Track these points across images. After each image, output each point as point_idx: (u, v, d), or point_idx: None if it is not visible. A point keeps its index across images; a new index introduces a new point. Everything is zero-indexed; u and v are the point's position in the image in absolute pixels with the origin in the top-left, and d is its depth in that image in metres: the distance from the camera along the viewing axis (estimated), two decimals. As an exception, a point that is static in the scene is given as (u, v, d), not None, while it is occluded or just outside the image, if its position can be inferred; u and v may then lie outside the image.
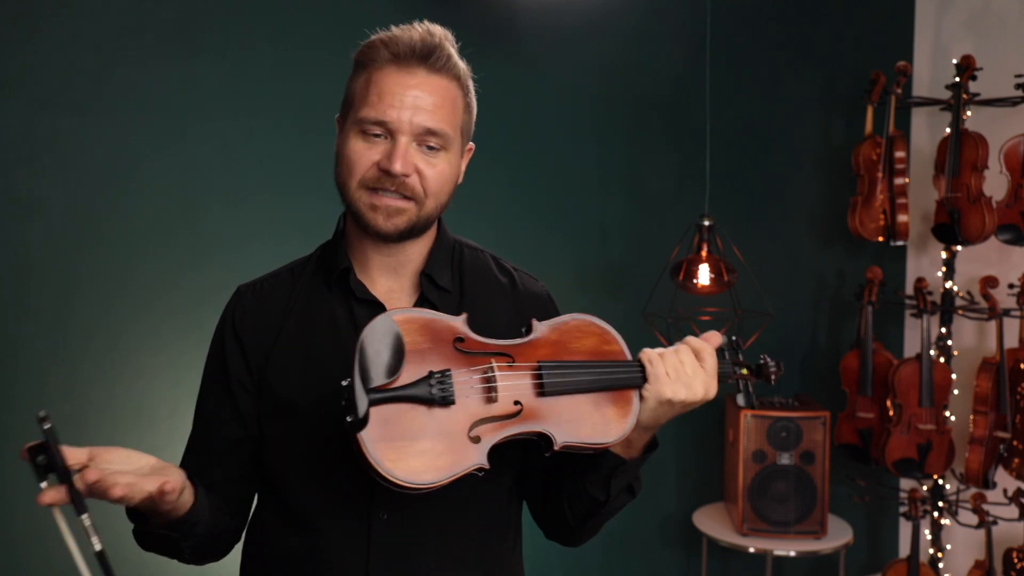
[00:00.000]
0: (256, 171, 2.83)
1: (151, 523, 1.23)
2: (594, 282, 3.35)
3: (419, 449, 1.12)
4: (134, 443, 2.91)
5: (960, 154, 3.14)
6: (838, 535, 3.21)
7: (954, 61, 3.19)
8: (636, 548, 3.49)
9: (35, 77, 2.58)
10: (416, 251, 1.33)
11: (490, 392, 1.17)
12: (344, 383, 1.12)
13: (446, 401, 1.14)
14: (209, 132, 2.77)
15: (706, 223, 3.00)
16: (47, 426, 1.02)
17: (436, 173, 1.27)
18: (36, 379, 2.64)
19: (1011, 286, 3.14)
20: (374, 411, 1.10)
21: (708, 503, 3.49)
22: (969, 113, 3.21)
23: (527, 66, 3.19)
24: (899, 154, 3.28)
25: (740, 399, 1.37)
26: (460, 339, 1.20)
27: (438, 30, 1.28)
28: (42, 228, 2.64)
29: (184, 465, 1.38)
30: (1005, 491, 3.21)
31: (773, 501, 3.16)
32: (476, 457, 1.14)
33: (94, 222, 2.68)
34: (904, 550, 3.67)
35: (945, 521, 3.37)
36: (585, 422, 1.20)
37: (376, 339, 1.14)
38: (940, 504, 3.34)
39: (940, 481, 3.34)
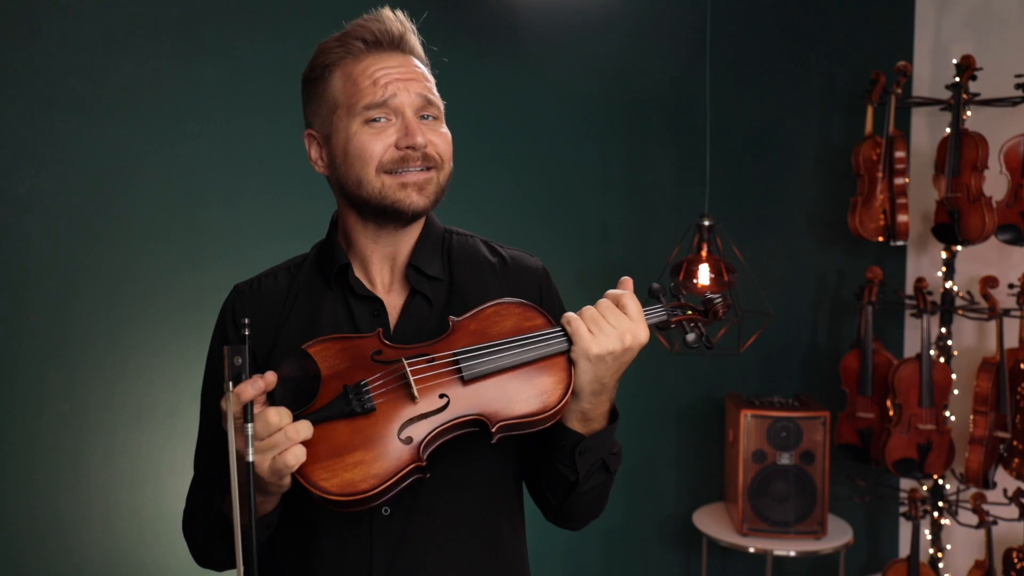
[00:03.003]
0: (256, 171, 2.83)
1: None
2: (594, 282, 3.35)
3: (351, 461, 1.13)
4: (134, 443, 2.92)
5: (960, 154, 3.14)
6: (838, 535, 3.21)
7: (954, 61, 3.18)
8: (636, 548, 3.49)
9: (35, 77, 2.58)
10: (407, 241, 1.34)
11: (409, 391, 1.17)
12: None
13: (366, 410, 1.15)
14: (209, 132, 2.77)
15: (706, 223, 2.99)
16: (247, 332, 1.11)
17: (442, 138, 1.30)
18: (36, 378, 2.64)
19: (1011, 286, 3.14)
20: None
21: (708, 503, 3.49)
22: (969, 113, 3.21)
23: (527, 66, 3.19)
24: (899, 154, 3.27)
25: (690, 338, 1.33)
26: (378, 352, 1.20)
27: (394, 15, 1.31)
28: (42, 227, 2.64)
29: (200, 465, 1.38)
30: (1005, 491, 3.21)
31: (773, 501, 3.16)
32: (411, 456, 1.14)
33: (94, 221, 2.68)
34: (904, 550, 3.67)
35: (945, 521, 3.36)
36: (518, 398, 1.19)
37: (288, 370, 1.17)
38: (940, 504, 3.34)
39: (940, 481, 3.34)
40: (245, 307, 1.36)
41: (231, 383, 1.09)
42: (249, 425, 1.08)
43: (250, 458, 1.08)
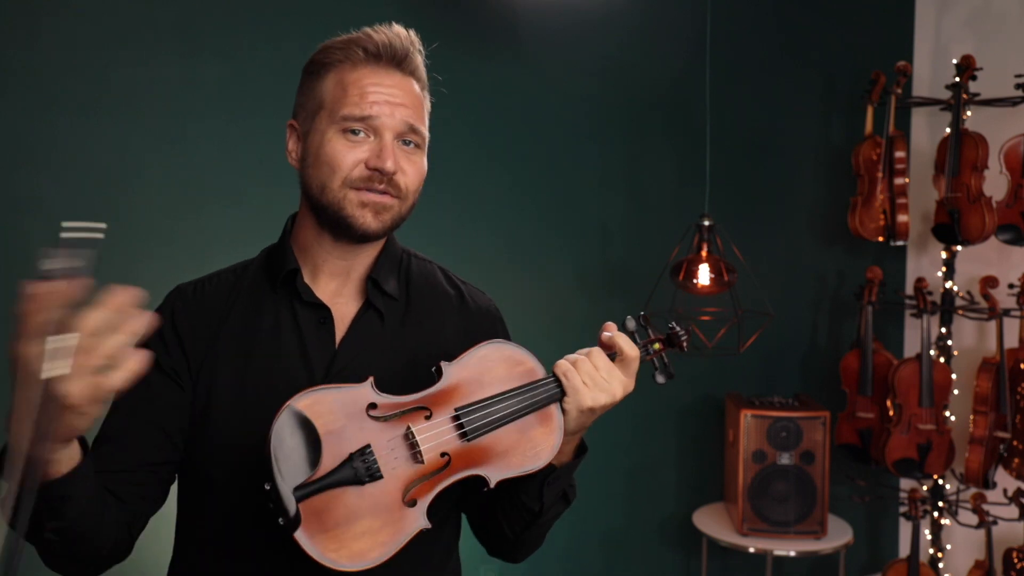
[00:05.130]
0: (256, 171, 2.83)
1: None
2: (594, 282, 3.35)
3: (358, 531, 1.10)
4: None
5: (960, 154, 3.14)
6: (838, 535, 3.21)
7: (954, 61, 3.19)
8: (636, 548, 3.49)
9: (35, 77, 2.58)
10: (366, 256, 1.32)
11: (415, 454, 1.16)
12: (267, 487, 1.08)
13: (373, 477, 1.13)
14: (209, 132, 2.77)
15: (706, 223, 2.99)
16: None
17: (415, 170, 1.27)
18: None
19: (1011, 286, 3.14)
20: (304, 506, 1.08)
21: (708, 503, 3.49)
22: (969, 113, 3.21)
23: (527, 66, 3.19)
24: (899, 154, 3.28)
25: (659, 377, 1.34)
26: (372, 405, 1.17)
27: (406, 33, 1.29)
28: (42, 227, 2.63)
29: (95, 456, 1.19)
30: (1005, 491, 3.21)
31: (773, 501, 3.16)
32: (416, 520, 1.13)
33: (94, 221, 2.67)
34: (904, 550, 3.67)
35: (945, 521, 3.36)
36: (515, 453, 1.20)
37: (288, 435, 1.11)
38: (940, 504, 3.34)
39: (940, 481, 3.34)
40: (186, 308, 1.31)
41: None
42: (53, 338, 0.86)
43: (45, 375, 0.86)
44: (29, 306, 0.90)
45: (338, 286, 1.32)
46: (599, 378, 1.23)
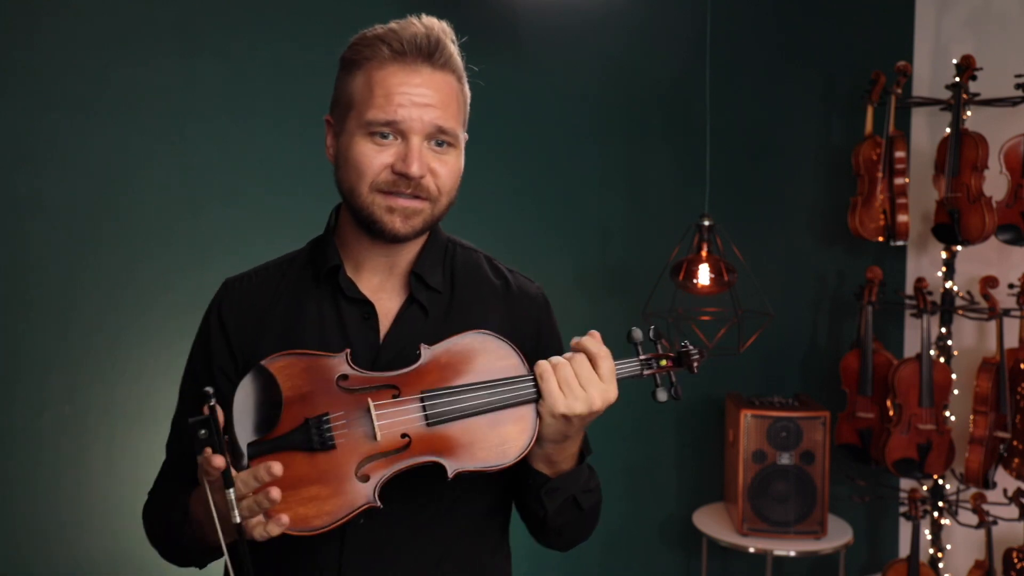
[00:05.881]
0: (256, 171, 2.83)
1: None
2: (594, 282, 3.35)
3: (306, 496, 1.12)
4: (134, 444, 2.93)
5: (960, 154, 3.14)
6: (838, 535, 3.21)
7: (954, 61, 3.18)
8: (636, 548, 3.49)
9: (35, 77, 2.58)
10: (410, 249, 1.32)
11: (371, 430, 1.15)
12: (226, 437, 1.11)
13: (325, 446, 1.13)
14: (209, 132, 2.77)
15: (706, 223, 2.99)
16: (212, 402, 1.07)
17: (448, 171, 1.25)
18: (36, 379, 2.64)
19: (1011, 286, 3.14)
20: (257, 463, 1.10)
21: (708, 503, 3.49)
22: (969, 113, 3.21)
23: (527, 66, 3.19)
24: (899, 154, 3.27)
25: (660, 394, 1.28)
26: (343, 376, 1.17)
27: (436, 24, 1.26)
28: (42, 227, 2.63)
29: (169, 453, 1.37)
30: (1005, 491, 3.21)
31: (773, 501, 3.16)
32: (365, 496, 1.13)
33: (94, 221, 2.68)
34: (904, 550, 3.67)
35: (945, 521, 3.36)
36: (480, 446, 1.17)
37: (252, 391, 1.14)
38: (940, 504, 3.34)
39: (940, 481, 3.34)
40: (232, 303, 1.33)
41: (199, 455, 1.08)
42: (231, 491, 1.06)
43: (236, 520, 1.06)
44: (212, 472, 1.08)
45: (381, 280, 1.32)
46: (575, 386, 1.18)
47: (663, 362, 1.29)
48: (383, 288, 1.32)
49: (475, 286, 1.36)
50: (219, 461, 1.06)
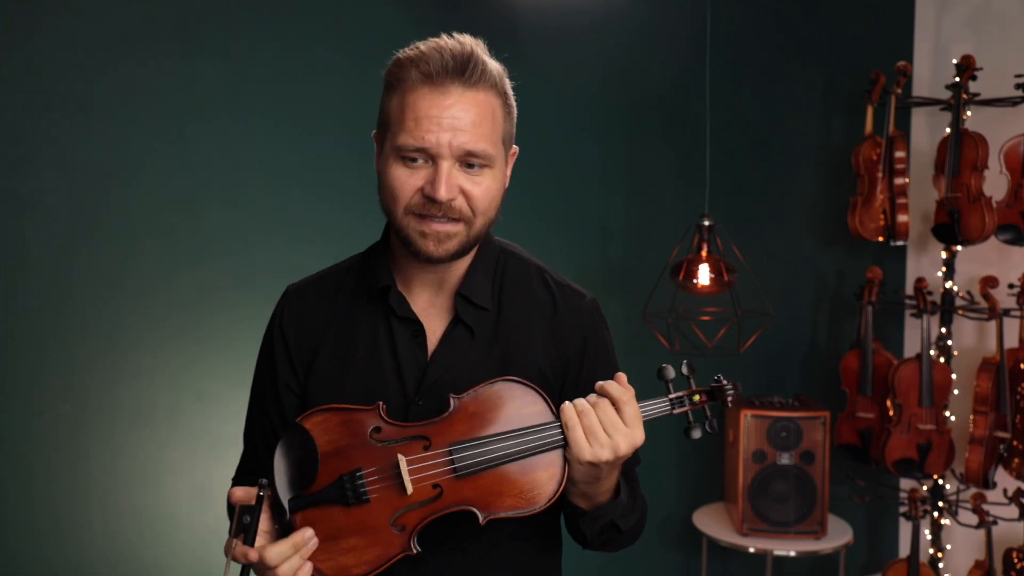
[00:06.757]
0: (256, 171, 2.83)
1: None
2: (594, 282, 3.35)
3: (346, 547, 1.19)
4: (133, 442, 2.92)
5: (960, 154, 3.14)
6: (838, 535, 3.21)
7: (954, 61, 3.18)
8: (636, 548, 3.45)
9: (35, 77, 2.58)
10: (459, 266, 1.32)
11: (400, 483, 1.20)
12: (267, 492, 1.18)
13: (360, 500, 1.20)
14: (209, 132, 2.77)
15: (706, 223, 2.99)
16: (264, 492, 1.16)
17: (482, 191, 1.25)
18: (34, 378, 2.64)
19: (1011, 286, 3.14)
20: (299, 516, 1.19)
21: (708, 503, 3.49)
22: (969, 113, 3.20)
23: (527, 66, 3.18)
24: (899, 154, 3.27)
25: (694, 432, 1.28)
26: (376, 429, 1.22)
27: (468, 40, 1.25)
28: (41, 227, 2.64)
29: (248, 442, 1.43)
30: (1005, 491, 3.21)
31: (773, 501, 3.16)
32: (402, 544, 1.20)
33: (93, 221, 2.68)
34: (904, 550, 3.67)
35: (945, 521, 3.36)
36: (509, 493, 1.21)
37: (289, 449, 1.21)
38: (940, 504, 3.34)
39: (940, 481, 3.34)
40: (292, 313, 1.37)
41: (235, 538, 1.16)
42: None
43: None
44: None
45: (430, 297, 1.33)
46: (600, 433, 1.19)
47: (696, 397, 1.30)
48: (432, 305, 1.33)
49: (523, 303, 1.36)
50: (252, 556, 1.14)
